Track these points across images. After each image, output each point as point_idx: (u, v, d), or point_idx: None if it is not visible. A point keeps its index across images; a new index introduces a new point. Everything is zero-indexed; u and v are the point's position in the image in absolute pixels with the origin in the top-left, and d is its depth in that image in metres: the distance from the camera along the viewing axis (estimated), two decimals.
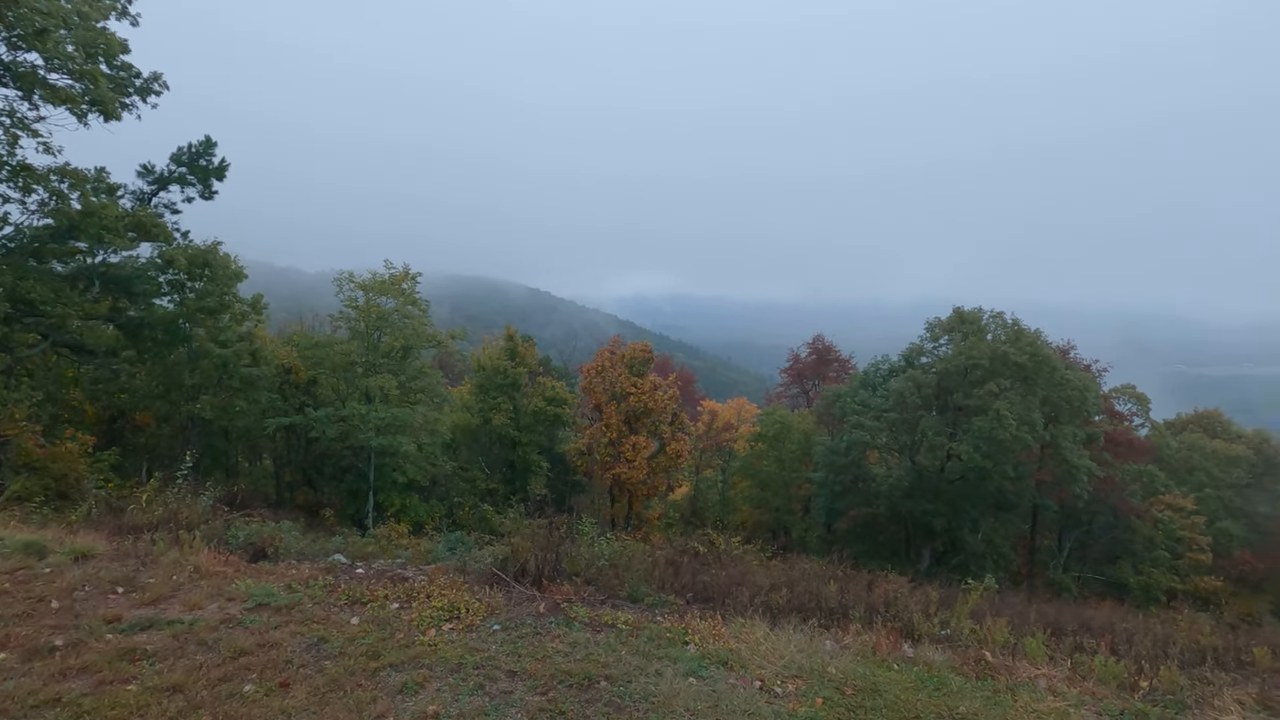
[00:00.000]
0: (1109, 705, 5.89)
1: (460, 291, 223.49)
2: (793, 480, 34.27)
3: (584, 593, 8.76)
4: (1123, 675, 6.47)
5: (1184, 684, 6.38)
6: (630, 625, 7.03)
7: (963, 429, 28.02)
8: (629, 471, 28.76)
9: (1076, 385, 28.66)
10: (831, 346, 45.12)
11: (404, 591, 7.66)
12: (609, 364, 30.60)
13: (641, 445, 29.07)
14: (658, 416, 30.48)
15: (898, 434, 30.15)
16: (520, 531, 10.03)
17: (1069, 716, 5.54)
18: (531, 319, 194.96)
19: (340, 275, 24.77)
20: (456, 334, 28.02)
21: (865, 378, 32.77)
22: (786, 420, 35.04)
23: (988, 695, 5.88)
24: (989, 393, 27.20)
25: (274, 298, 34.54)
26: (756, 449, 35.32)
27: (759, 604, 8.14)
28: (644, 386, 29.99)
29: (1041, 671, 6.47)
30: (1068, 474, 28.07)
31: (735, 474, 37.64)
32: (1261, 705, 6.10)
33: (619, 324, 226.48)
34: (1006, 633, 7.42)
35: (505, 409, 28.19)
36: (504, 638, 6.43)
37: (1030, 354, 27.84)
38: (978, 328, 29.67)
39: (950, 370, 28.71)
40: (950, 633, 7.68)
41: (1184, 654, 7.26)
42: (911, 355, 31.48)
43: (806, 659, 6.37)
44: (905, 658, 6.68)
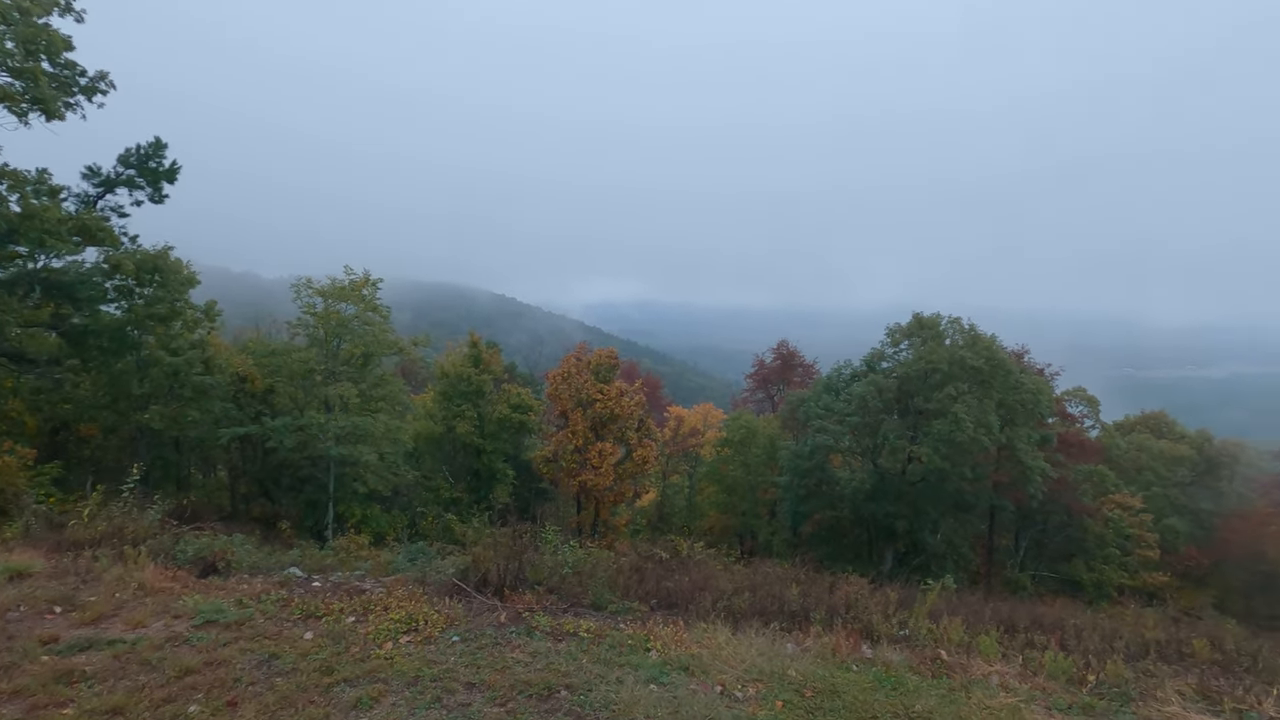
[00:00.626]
0: (1058, 700, 6.06)
1: (424, 298, 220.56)
2: (759, 485, 34.54)
3: (547, 601, 8.68)
4: (1072, 670, 6.66)
5: (1129, 677, 6.59)
6: (592, 633, 7.00)
7: (923, 432, 28.60)
8: (595, 478, 28.66)
9: (1030, 389, 29.51)
10: (796, 352, 45.70)
11: (361, 604, 7.50)
12: (575, 370, 30.49)
13: (608, 452, 29.00)
14: (624, 423, 30.46)
15: (860, 437, 30.64)
16: (482, 541, 9.91)
17: (1020, 712, 5.68)
18: (497, 325, 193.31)
19: (298, 281, 24.21)
20: (419, 341, 27.61)
21: (829, 382, 33.24)
22: (752, 425, 35.31)
23: (943, 693, 5.99)
24: (947, 396, 27.83)
25: (230, 304, 33.63)
26: (722, 454, 35.51)
27: (722, 609, 8.16)
28: (610, 393, 29.95)
29: (995, 668, 6.63)
30: (1023, 475, 28.84)
31: (702, 479, 37.79)
32: (1200, 695, 6.33)
33: (586, 330, 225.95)
34: (962, 631, 7.58)
35: (469, 416, 27.85)
36: (463, 649, 6.34)
37: (986, 358, 28.58)
38: (936, 333, 30.36)
39: (910, 375, 29.30)
40: (908, 633, 7.81)
41: (1129, 648, 7.51)
42: (873, 360, 32.04)
43: (767, 662, 6.41)
44: (864, 658, 6.78)
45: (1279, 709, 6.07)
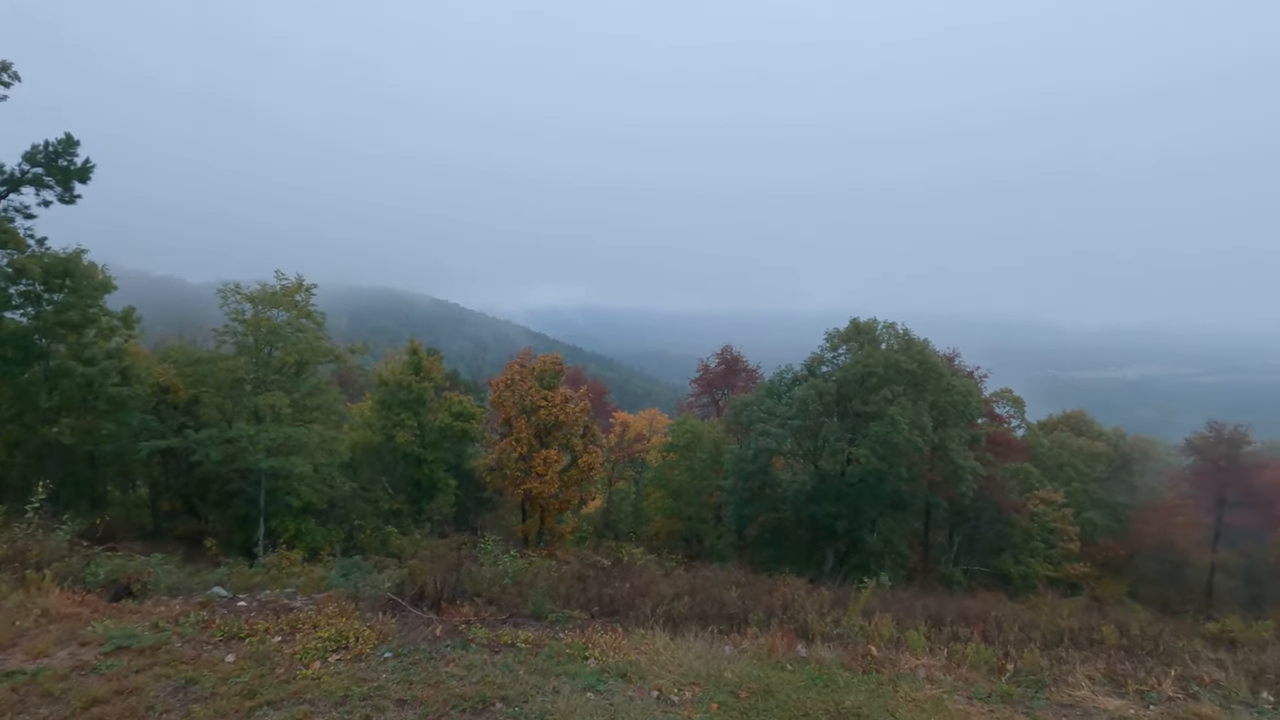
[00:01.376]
0: (979, 689, 6.33)
1: (362, 303, 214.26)
2: (704, 489, 34.87)
3: (485, 613, 8.55)
4: (992, 660, 6.97)
5: (1044, 664, 6.94)
6: (530, 643, 6.93)
7: (861, 434, 29.45)
8: (540, 486, 28.39)
9: (961, 390, 30.79)
10: (739, 357, 46.39)
11: (288, 623, 7.22)
12: (519, 377, 30.17)
13: (553, 459, 28.77)
14: (569, 429, 30.30)
15: (802, 440, 31.33)
16: (419, 553, 9.70)
17: (943, 703, 5.90)
18: (439, 331, 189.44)
19: (225, 287, 23.18)
20: (356, 348, 26.81)
21: (771, 387, 33.86)
22: (697, 430, 35.65)
23: (872, 688, 6.18)
24: (884, 399, 28.75)
25: (151, 310, 31.94)
26: (668, 459, 35.70)
27: (662, 614, 8.20)
28: (555, 399, 29.74)
29: (921, 662, 6.88)
30: (955, 474, 30.02)
31: (648, 485, 37.89)
32: (1108, 678, 6.72)
33: (531, 336, 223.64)
34: (892, 627, 7.83)
35: (409, 425, 27.18)
36: (395, 665, 6.18)
37: (920, 362, 29.67)
38: (873, 337, 31.36)
39: (848, 378, 30.15)
40: (842, 631, 8.01)
41: (1045, 636, 7.91)
42: (813, 364, 32.82)
43: (704, 665, 6.48)
44: (799, 657, 6.93)
45: (1176, 689, 6.50)
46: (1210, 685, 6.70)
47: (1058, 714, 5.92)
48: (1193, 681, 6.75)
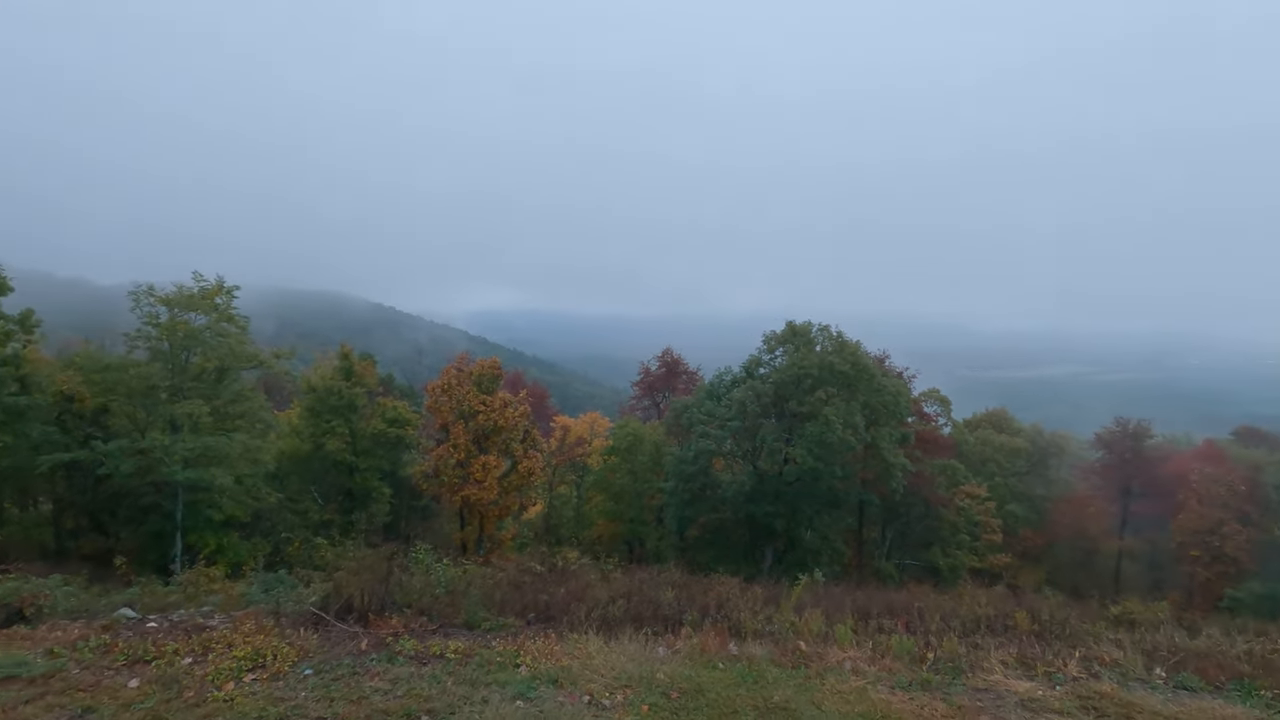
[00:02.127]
0: (901, 678, 6.56)
1: (291, 305, 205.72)
2: (645, 491, 34.94)
3: (415, 624, 8.33)
4: (914, 649, 7.24)
5: (962, 651, 7.26)
6: (461, 653, 6.79)
7: (797, 434, 30.11)
8: (479, 492, 27.86)
9: (892, 391, 31.90)
10: (680, 359, 46.74)
11: (201, 643, 6.85)
12: (456, 381, 29.55)
13: (492, 465, 28.29)
14: (509, 434, 29.86)
15: (741, 441, 31.80)
16: (345, 565, 9.36)
17: (867, 693, 6.09)
18: (374, 335, 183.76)
19: (138, 289, 21.82)
20: (282, 353, 25.67)
21: (710, 389, 34.25)
22: (638, 432, 35.72)
23: (800, 682, 6.32)
24: (819, 399, 29.48)
25: (54, 314, 29.79)
26: (609, 462, 35.64)
27: (597, 618, 8.17)
28: (494, 404, 29.26)
29: (848, 654, 7.07)
30: (886, 471, 31.05)
31: (589, 488, 37.73)
32: (1019, 663, 7.08)
33: (469, 339, 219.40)
34: (821, 622, 8.04)
35: (341, 433, 26.22)
36: (316, 682, 5.94)
37: (852, 363, 30.58)
38: (808, 339, 32.13)
39: (785, 380, 30.78)
40: (774, 628, 8.16)
41: (964, 624, 8.27)
42: (751, 366, 33.38)
43: (637, 668, 6.48)
44: (730, 656, 7.02)
45: (1080, 669, 6.90)
46: (1110, 664, 7.14)
47: (973, 698, 6.19)
48: (1095, 661, 7.19)
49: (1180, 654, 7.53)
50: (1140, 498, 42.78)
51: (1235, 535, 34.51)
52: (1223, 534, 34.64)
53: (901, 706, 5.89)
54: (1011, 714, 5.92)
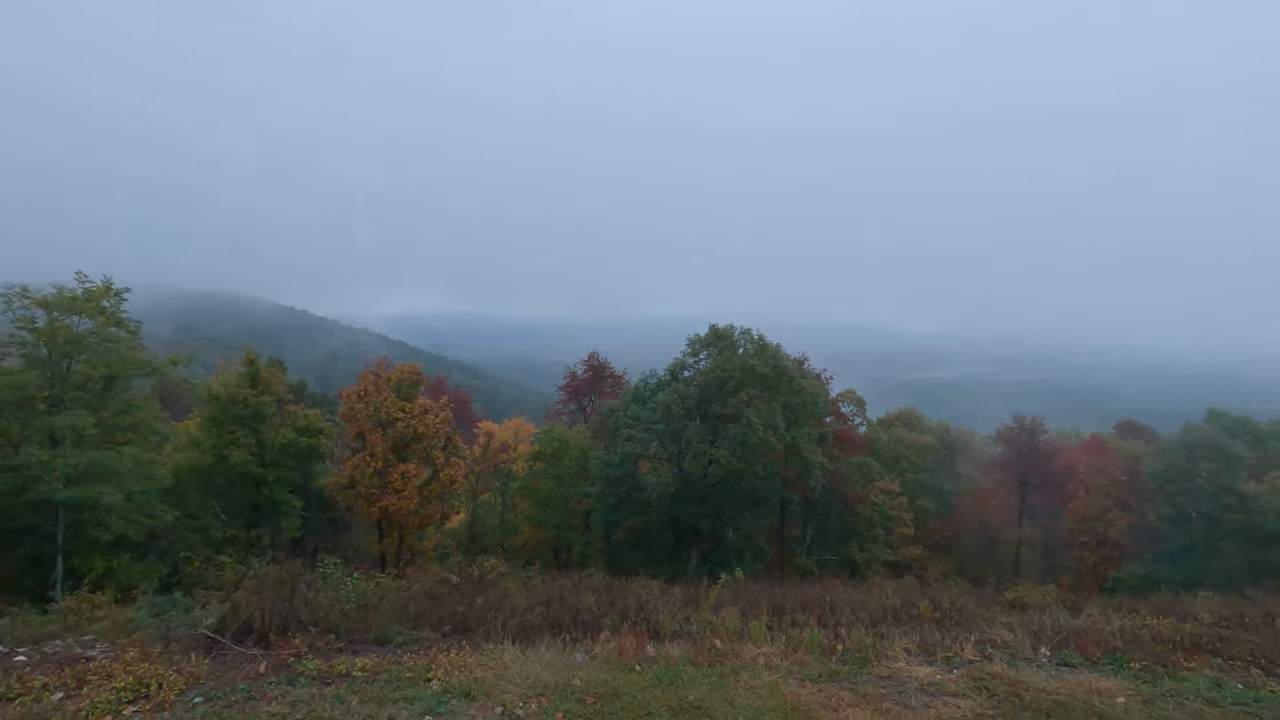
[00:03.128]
0: (811, 670, 6.77)
1: (190, 308, 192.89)
2: (572, 496, 34.71)
3: (322, 643, 7.96)
4: (824, 642, 7.48)
5: (869, 641, 7.56)
6: (368, 671, 6.52)
7: (721, 435, 30.66)
8: (398, 502, 26.95)
9: (810, 392, 32.99)
10: (606, 363, 46.75)
11: (75, 675, 6.30)
12: (373, 388, 28.51)
13: (412, 473, 27.43)
14: (430, 441, 29.06)
15: (666, 444, 32.10)
16: (244, 584, 8.84)
17: (778, 687, 6.25)
18: (285, 340, 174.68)
19: (9, 290, 19.92)
20: (179, 359, 24.02)
21: (636, 392, 34.41)
22: (564, 437, 35.47)
23: (714, 680, 6.41)
24: (741, 401, 30.14)
25: None
26: (535, 468, 35.22)
27: (514, 627, 8.04)
28: (413, 410, 28.41)
29: (762, 650, 7.24)
30: (806, 470, 32.06)
31: (515, 495, 37.14)
32: (921, 649, 7.44)
33: (389, 344, 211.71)
34: (738, 619, 8.19)
35: (246, 443, 24.72)
36: (206, 710, 5.57)
37: (773, 365, 31.44)
38: (730, 343, 32.81)
39: (709, 382, 31.30)
40: (693, 628, 8.26)
41: (872, 615, 8.63)
42: (676, 369, 33.76)
43: (553, 675, 6.41)
44: (648, 657, 7.05)
45: (975, 652, 7.32)
46: (1002, 646, 7.61)
47: (877, 686, 6.46)
48: (989, 644, 7.64)
49: (1063, 633, 8.12)
50: (1036, 489, 45.87)
51: (1117, 521, 37.52)
52: (1107, 521, 37.59)
53: (810, 698, 6.07)
54: (912, 698, 6.20)
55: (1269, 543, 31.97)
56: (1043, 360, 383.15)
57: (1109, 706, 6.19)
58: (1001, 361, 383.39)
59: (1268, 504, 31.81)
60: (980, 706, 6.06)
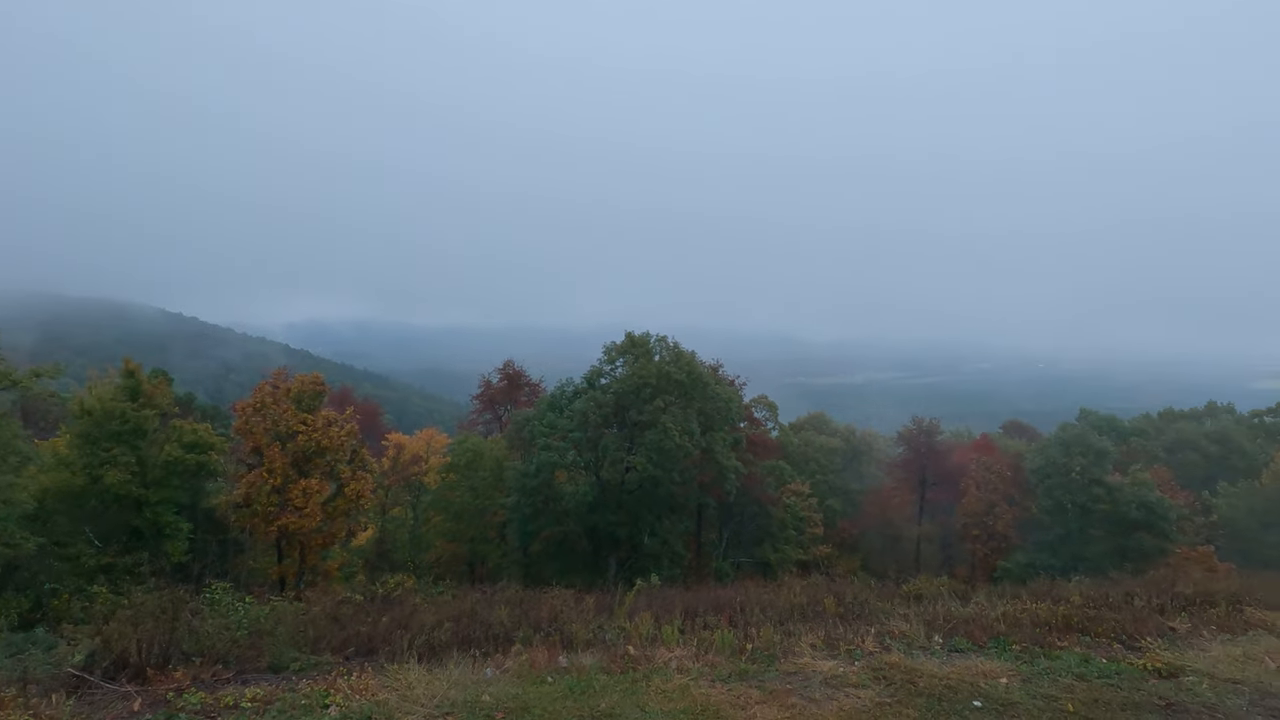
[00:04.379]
0: (721, 670, 6.89)
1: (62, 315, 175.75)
2: (487, 508, 33.96)
3: (208, 674, 7.39)
4: (735, 642, 7.63)
5: (777, 639, 7.77)
6: (259, 701, 6.12)
7: (638, 442, 30.86)
8: (299, 520, 25.48)
9: (724, 398, 33.76)
10: (522, 371, 46.11)
11: None
12: (271, 400, 26.89)
13: (314, 489, 26.02)
14: (334, 455, 27.67)
15: (583, 452, 31.97)
16: (118, 615, 8.10)
17: (689, 689, 6.32)
18: (172, 350, 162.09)
19: None
20: (44, 370, 21.71)
21: (553, 400, 34.15)
22: (479, 448, 34.68)
23: (627, 687, 6.41)
24: (657, 408, 30.46)
25: None
26: (448, 480, 34.25)
27: (421, 645, 7.74)
28: (316, 423, 26.98)
29: (674, 654, 7.30)
30: (721, 474, 32.74)
31: (427, 509, 35.95)
32: (826, 644, 7.72)
33: (290, 353, 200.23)
34: (651, 625, 8.23)
35: (124, 462, 22.64)
36: None
37: (688, 373, 31.98)
38: (647, 350, 33.13)
39: (625, 390, 31.47)
40: (607, 635, 8.23)
41: (780, 614, 8.89)
42: (592, 377, 33.75)
43: (461, 693, 6.23)
44: (560, 669, 6.96)
45: (875, 644, 7.67)
46: (899, 637, 8.02)
47: (784, 682, 6.65)
48: (887, 635, 8.03)
49: (954, 621, 8.65)
50: (933, 487, 48.66)
51: (1004, 515, 40.36)
52: (995, 514, 40.36)
53: (720, 698, 6.17)
54: (817, 692, 6.42)
55: (1131, 529, 35.27)
56: (940, 366, 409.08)
57: (993, 687, 6.63)
58: (903, 367, 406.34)
59: (1131, 494, 35.08)
60: (879, 696, 6.35)
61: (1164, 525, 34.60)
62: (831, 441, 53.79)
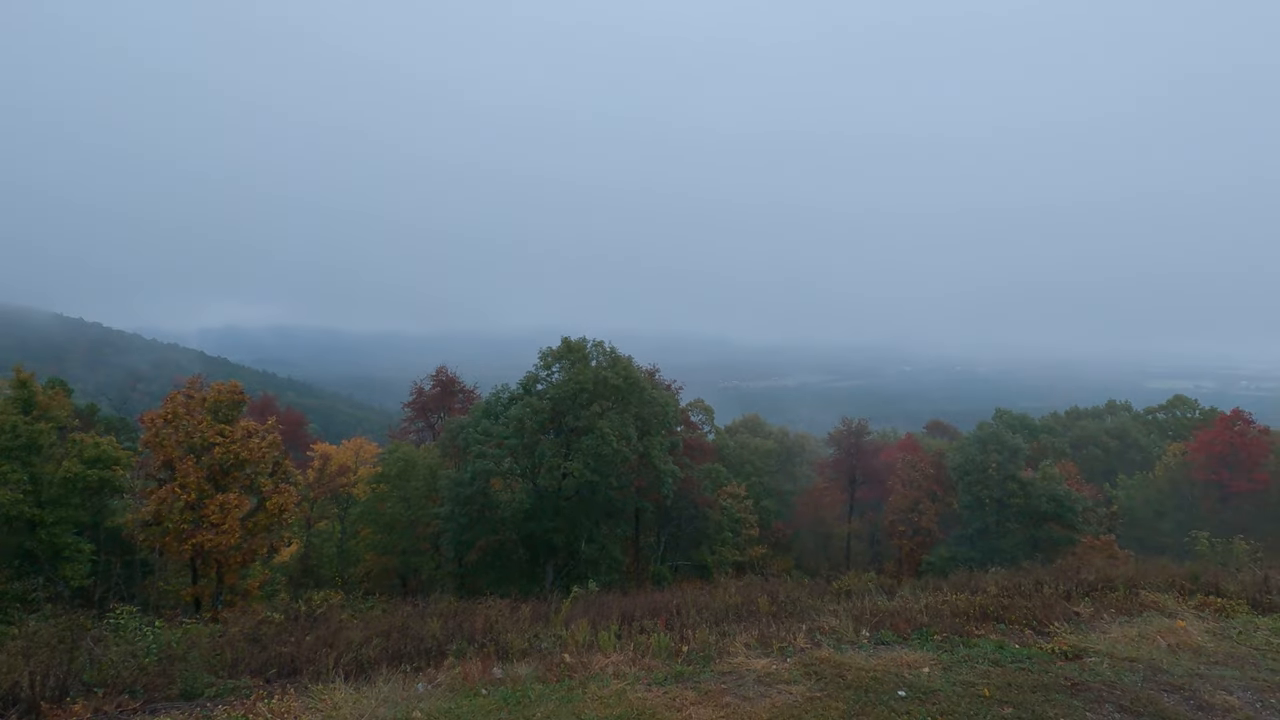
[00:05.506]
0: (658, 674, 6.92)
1: None
2: (420, 519, 33.02)
3: (111, 705, 6.92)
4: (671, 645, 7.69)
5: (712, 640, 7.87)
6: None
7: (575, 448, 30.68)
8: (216, 538, 24.06)
9: (661, 402, 33.97)
10: (455, 378, 45.18)
11: None
12: (184, 410, 25.35)
13: (232, 504, 24.63)
14: (255, 468, 26.29)
15: (520, 459, 31.54)
16: (7, 646, 7.47)
17: (625, 694, 6.32)
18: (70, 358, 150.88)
19: None
20: None
21: (488, 407, 33.57)
22: (411, 456, 33.71)
23: (563, 695, 6.36)
24: (594, 413, 30.38)
25: None
26: (379, 491, 33.12)
27: (348, 662, 7.46)
28: (234, 434, 25.59)
29: (611, 659, 7.29)
30: (658, 478, 32.90)
31: (355, 521, 34.65)
32: (759, 643, 7.87)
33: (206, 361, 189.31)
34: (588, 631, 8.19)
35: (15, 480, 20.87)
36: None
37: (625, 377, 32.04)
38: (583, 355, 33.02)
39: (562, 395, 31.26)
40: (543, 644, 8.14)
41: (715, 615, 9.01)
42: (528, 383, 33.37)
43: (391, 710, 6.04)
44: (494, 680, 6.84)
45: (806, 640, 7.87)
46: (829, 632, 8.26)
47: (718, 682, 6.74)
48: (818, 631, 8.26)
49: (881, 615, 8.97)
50: (863, 485, 50.39)
51: (928, 510, 42.19)
52: (919, 510, 42.13)
53: (656, 701, 6.20)
54: (750, 690, 6.54)
55: (1042, 521, 37.48)
56: (866, 369, 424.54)
57: (916, 676, 6.91)
58: (831, 370, 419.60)
59: (1042, 488, 37.26)
60: (810, 690, 6.52)
61: (1071, 517, 36.90)
62: (766, 444, 54.96)
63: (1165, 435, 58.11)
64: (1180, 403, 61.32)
